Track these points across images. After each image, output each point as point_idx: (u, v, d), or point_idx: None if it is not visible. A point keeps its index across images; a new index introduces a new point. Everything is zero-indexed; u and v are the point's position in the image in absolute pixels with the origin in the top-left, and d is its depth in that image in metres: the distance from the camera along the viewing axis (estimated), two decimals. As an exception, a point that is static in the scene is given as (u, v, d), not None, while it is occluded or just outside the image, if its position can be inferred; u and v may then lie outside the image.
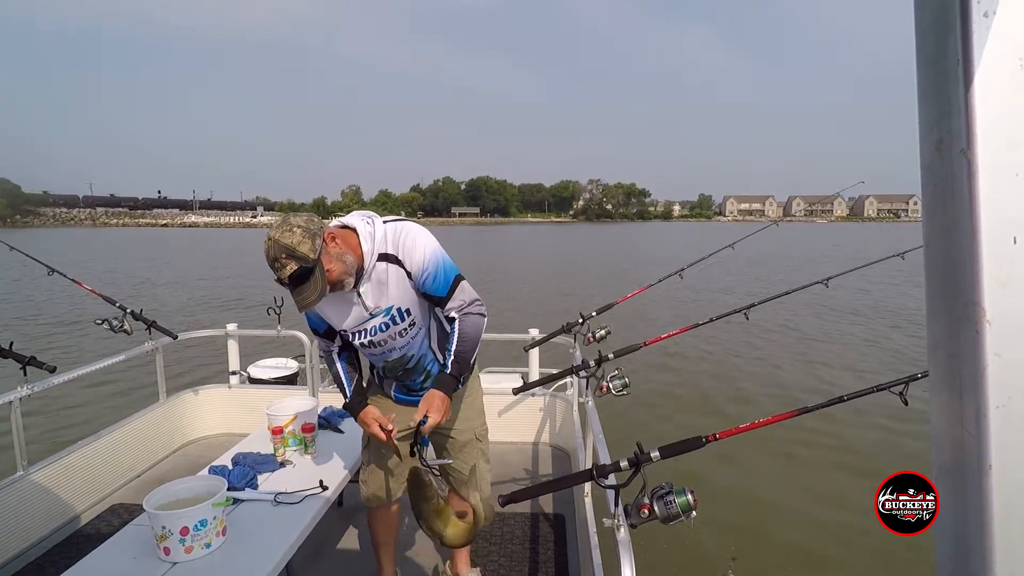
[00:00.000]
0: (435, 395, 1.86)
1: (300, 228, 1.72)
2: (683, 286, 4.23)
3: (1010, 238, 0.56)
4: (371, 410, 1.96)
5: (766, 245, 11.23)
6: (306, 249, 1.70)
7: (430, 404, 1.84)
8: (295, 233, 1.71)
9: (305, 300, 1.73)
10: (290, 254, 1.70)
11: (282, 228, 1.72)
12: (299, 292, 1.73)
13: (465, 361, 1.93)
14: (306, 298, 1.73)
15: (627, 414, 6.10)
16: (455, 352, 1.91)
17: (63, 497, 2.87)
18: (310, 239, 1.71)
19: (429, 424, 1.81)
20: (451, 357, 1.91)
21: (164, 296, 16.39)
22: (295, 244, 1.70)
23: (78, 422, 6.17)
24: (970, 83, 0.55)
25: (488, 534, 2.75)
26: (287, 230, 1.71)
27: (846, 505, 4.57)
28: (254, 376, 4.35)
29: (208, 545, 1.79)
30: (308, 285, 1.73)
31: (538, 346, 3.63)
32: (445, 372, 1.91)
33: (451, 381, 1.90)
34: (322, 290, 1.74)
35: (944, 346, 0.62)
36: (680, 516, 1.40)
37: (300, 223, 1.74)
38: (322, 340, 2.08)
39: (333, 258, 1.76)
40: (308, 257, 1.70)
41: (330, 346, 2.07)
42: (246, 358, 4.34)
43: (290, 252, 1.69)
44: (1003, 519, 0.58)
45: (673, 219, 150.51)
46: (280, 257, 1.71)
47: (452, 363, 1.90)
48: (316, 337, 2.11)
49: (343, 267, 1.78)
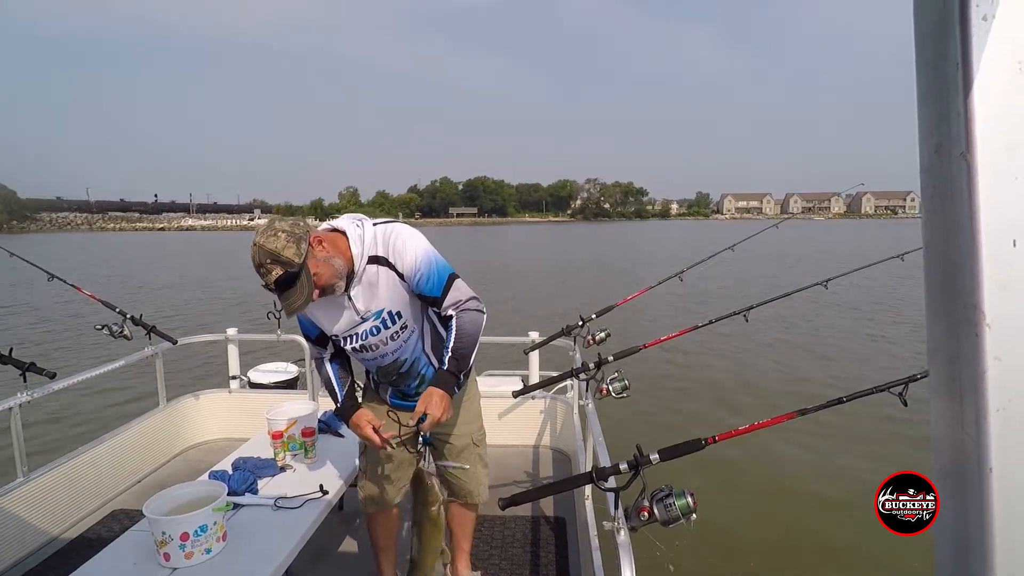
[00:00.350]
0: (433, 392, 1.82)
1: (285, 233, 1.70)
2: (683, 286, 4.23)
3: (1010, 241, 0.56)
4: (363, 412, 1.94)
5: (762, 247, 11.24)
6: (291, 254, 1.68)
7: (428, 401, 1.80)
8: (279, 238, 1.69)
9: (292, 305, 1.72)
10: (275, 259, 1.68)
11: (267, 233, 1.70)
12: (285, 297, 1.72)
13: (464, 358, 1.89)
14: (293, 303, 1.71)
15: (627, 417, 6.10)
16: (452, 348, 1.87)
17: (63, 503, 2.86)
18: (295, 243, 1.69)
19: (429, 422, 1.77)
20: (448, 354, 1.87)
21: (160, 301, 16.38)
22: (279, 249, 1.68)
23: (78, 428, 6.16)
24: (969, 87, 0.55)
25: (489, 537, 2.75)
26: (271, 235, 1.70)
27: (846, 505, 4.57)
28: (254, 381, 4.35)
29: (208, 551, 1.79)
30: (294, 290, 1.70)
31: (538, 349, 3.63)
32: (442, 369, 1.87)
33: (449, 378, 1.86)
34: (309, 295, 1.72)
35: (944, 349, 0.62)
36: (680, 519, 1.40)
37: (285, 227, 1.72)
38: (314, 346, 2.05)
39: (320, 262, 1.74)
40: (293, 261, 1.68)
41: (322, 352, 2.04)
42: (246, 363, 4.34)
43: (274, 257, 1.68)
44: (1003, 522, 0.58)
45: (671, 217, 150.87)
46: (265, 262, 1.69)
47: (450, 360, 1.86)
48: (308, 343, 2.08)
49: (331, 270, 1.76)
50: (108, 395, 7.13)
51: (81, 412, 6.76)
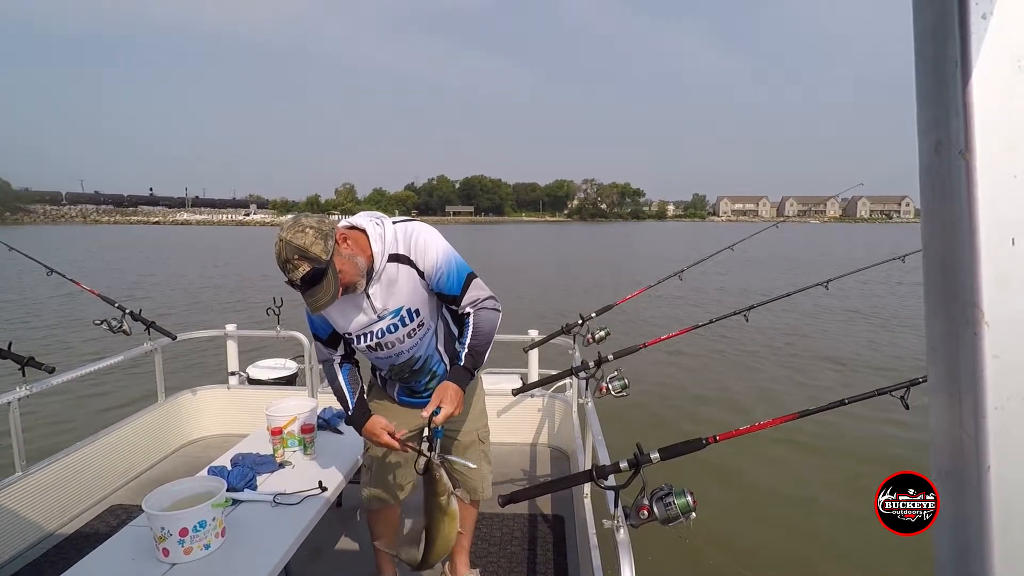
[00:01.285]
0: (448, 386, 1.81)
1: (312, 229, 1.68)
2: (682, 286, 4.23)
3: (1008, 240, 0.56)
4: (378, 419, 1.89)
5: (757, 250, 11.26)
6: (319, 250, 1.66)
7: (443, 395, 1.78)
8: (307, 234, 1.67)
9: (318, 302, 1.70)
10: (302, 255, 1.66)
11: (294, 229, 1.68)
12: (311, 295, 1.70)
13: (480, 355, 1.89)
14: (318, 300, 1.70)
15: (627, 415, 6.10)
16: (469, 345, 1.87)
17: (61, 498, 2.86)
18: (323, 240, 1.68)
19: (442, 415, 1.76)
20: (465, 350, 1.87)
21: (159, 295, 16.38)
22: (307, 245, 1.66)
23: (77, 423, 6.16)
24: (968, 85, 0.55)
25: (488, 534, 2.75)
26: (299, 231, 1.67)
27: (845, 506, 4.57)
28: (253, 377, 4.35)
29: (207, 546, 1.79)
30: (320, 287, 1.69)
31: (538, 347, 3.63)
32: (459, 365, 1.86)
33: (465, 374, 1.86)
34: (335, 293, 1.71)
35: (943, 348, 0.62)
36: (680, 517, 1.40)
37: (312, 224, 1.70)
38: (323, 347, 2.01)
39: (345, 260, 1.73)
40: (320, 258, 1.67)
41: (332, 354, 2.01)
42: (246, 359, 4.34)
43: (302, 253, 1.66)
44: (1002, 520, 0.58)
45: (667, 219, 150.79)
46: (292, 258, 1.66)
47: (466, 356, 1.86)
48: (317, 343, 2.03)
49: (355, 269, 1.75)
50: (107, 390, 7.14)
51: (80, 407, 6.76)
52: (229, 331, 3.94)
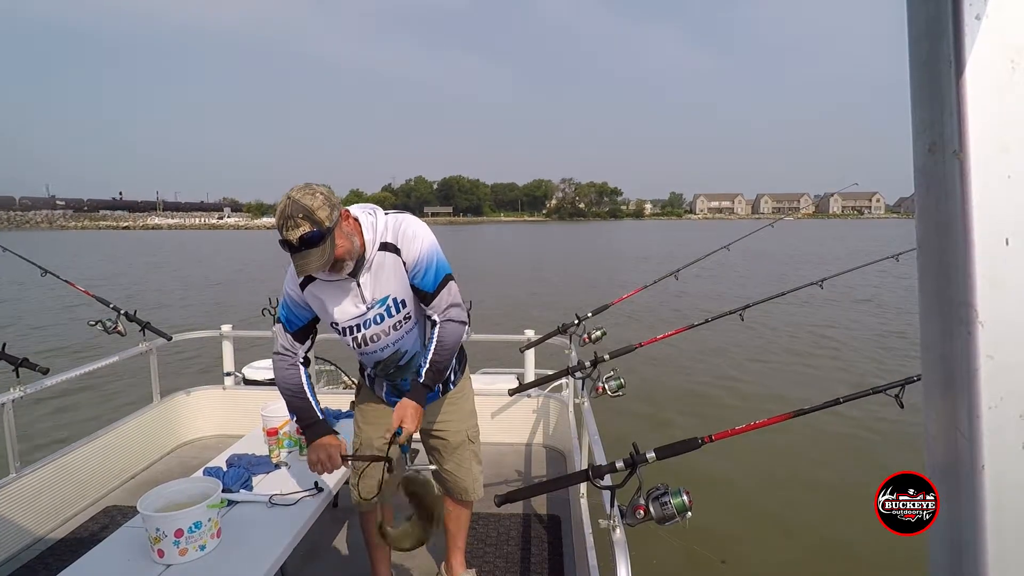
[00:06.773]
0: (408, 405, 1.85)
1: (322, 195, 1.71)
2: (679, 286, 4.24)
3: (1002, 240, 0.56)
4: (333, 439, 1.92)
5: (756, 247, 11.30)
6: (323, 216, 1.68)
7: (403, 414, 1.83)
8: (316, 197, 1.69)
9: (308, 265, 1.69)
10: (307, 215, 1.66)
11: (304, 190, 1.70)
12: (303, 255, 1.69)
13: (440, 371, 1.93)
14: (309, 263, 1.69)
15: (623, 415, 6.11)
16: (431, 361, 1.90)
17: (56, 499, 2.85)
18: (329, 208, 1.70)
19: (403, 436, 1.81)
20: (426, 366, 1.89)
21: (148, 296, 16.32)
22: (315, 207, 1.67)
23: (71, 424, 6.13)
24: (962, 85, 0.55)
25: (484, 535, 2.75)
26: (308, 193, 1.70)
27: (844, 506, 4.58)
28: (249, 377, 4.33)
29: (203, 547, 1.78)
30: (316, 250, 1.68)
31: (533, 347, 3.63)
32: (418, 381, 1.89)
33: (424, 391, 1.89)
34: (328, 260, 1.71)
35: (937, 347, 0.62)
36: (676, 517, 1.40)
37: (323, 190, 1.73)
38: (290, 338, 1.96)
39: (344, 235, 1.76)
40: (324, 223, 1.68)
41: (296, 348, 1.99)
42: (241, 359, 4.33)
43: (308, 213, 1.66)
44: (996, 518, 0.58)
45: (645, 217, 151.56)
46: (296, 215, 1.66)
47: (427, 372, 1.89)
48: (283, 334, 1.96)
49: (350, 246, 1.77)
50: (102, 391, 7.10)
51: (75, 408, 6.72)
52: (224, 332, 3.92)
